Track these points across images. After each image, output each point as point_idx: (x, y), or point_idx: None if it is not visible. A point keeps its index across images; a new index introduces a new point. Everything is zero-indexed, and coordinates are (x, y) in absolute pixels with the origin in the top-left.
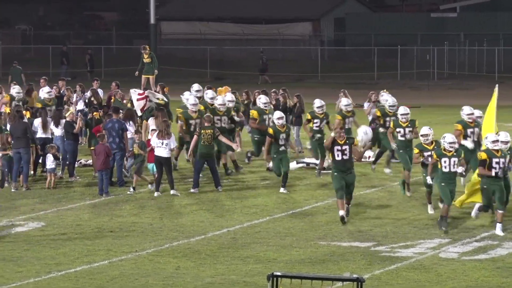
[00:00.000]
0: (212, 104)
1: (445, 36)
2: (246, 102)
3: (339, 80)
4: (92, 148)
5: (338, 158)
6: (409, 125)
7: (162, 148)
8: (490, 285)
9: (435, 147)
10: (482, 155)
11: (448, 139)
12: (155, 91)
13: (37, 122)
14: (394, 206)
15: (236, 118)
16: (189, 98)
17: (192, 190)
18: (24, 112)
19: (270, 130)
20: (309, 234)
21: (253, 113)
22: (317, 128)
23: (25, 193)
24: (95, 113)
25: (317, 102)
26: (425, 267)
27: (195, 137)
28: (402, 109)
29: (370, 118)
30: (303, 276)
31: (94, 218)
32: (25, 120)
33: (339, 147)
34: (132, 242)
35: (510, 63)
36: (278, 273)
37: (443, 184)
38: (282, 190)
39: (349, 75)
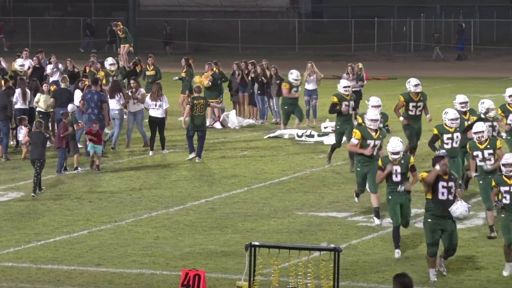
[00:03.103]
0: None
1: (421, 8)
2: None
3: (317, 52)
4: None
5: (443, 197)
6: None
7: (155, 109)
8: (466, 254)
9: None
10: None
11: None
12: (129, 63)
13: (17, 92)
14: None
15: None
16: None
17: (190, 156)
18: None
19: (380, 163)
20: (286, 205)
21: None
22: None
23: (5, 163)
24: (85, 79)
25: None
26: (401, 237)
27: (187, 106)
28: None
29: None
30: (281, 246)
31: (73, 188)
32: (6, 95)
33: (444, 183)
34: (111, 212)
35: (486, 35)
36: (256, 243)
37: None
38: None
39: (326, 47)
